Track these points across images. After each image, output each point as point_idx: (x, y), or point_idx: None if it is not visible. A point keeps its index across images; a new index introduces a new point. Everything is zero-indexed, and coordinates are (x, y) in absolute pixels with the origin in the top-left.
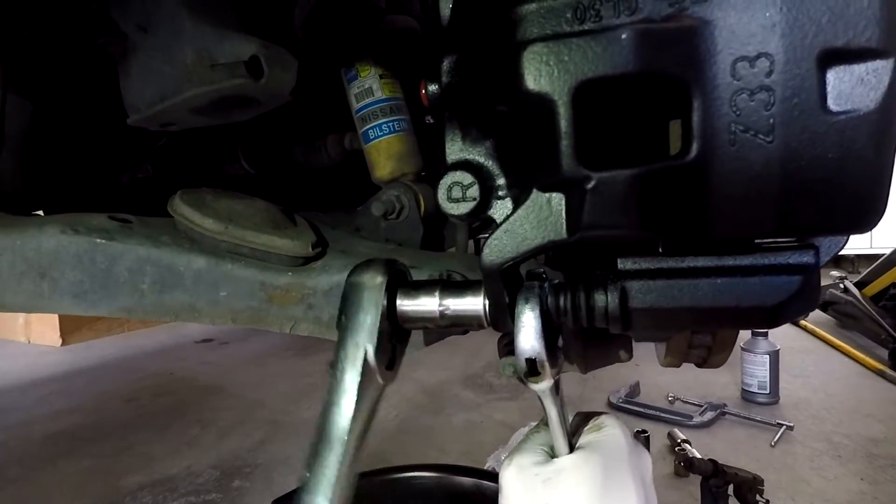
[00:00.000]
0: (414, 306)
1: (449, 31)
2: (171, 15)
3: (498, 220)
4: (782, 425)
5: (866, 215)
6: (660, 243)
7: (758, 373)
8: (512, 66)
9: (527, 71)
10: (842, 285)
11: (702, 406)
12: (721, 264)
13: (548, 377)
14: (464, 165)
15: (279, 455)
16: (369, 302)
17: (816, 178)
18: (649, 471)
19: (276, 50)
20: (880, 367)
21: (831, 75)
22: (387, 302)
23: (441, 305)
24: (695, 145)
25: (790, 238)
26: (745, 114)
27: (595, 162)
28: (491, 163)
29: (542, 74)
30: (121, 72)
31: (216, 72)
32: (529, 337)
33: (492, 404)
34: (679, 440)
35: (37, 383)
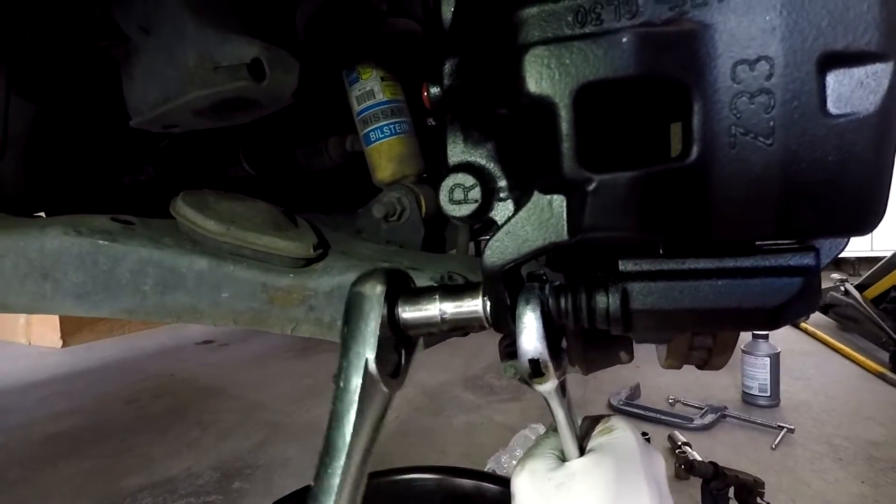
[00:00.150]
0: (415, 313)
1: (451, 33)
2: (173, 17)
3: (499, 221)
4: (783, 428)
5: (866, 218)
6: (661, 245)
7: (758, 375)
8: (513, 69)
9: (528, 74)
10: (842, 288)
11: (702, 408)
12: (722, 266)
13: (552, 377)
14: (465, 167)
15: (279, 457)
16: (369, 311)
17: (816, 180)
18: (663, 472)
19: (278, 52)
20: (881, 369)
21: (831, 78)
22: (387, 310)
23: (442, 310)
24: (695, 148)
25: (791, 240)
26: (746, 117)
27: (596, 164)
28: (492, 165)
29: (543, 77)
30: (123, 74)
31: (218, 74)
32: (531, 338)
33: (492, 406)
34: (679, 443)
35: (37, 384)
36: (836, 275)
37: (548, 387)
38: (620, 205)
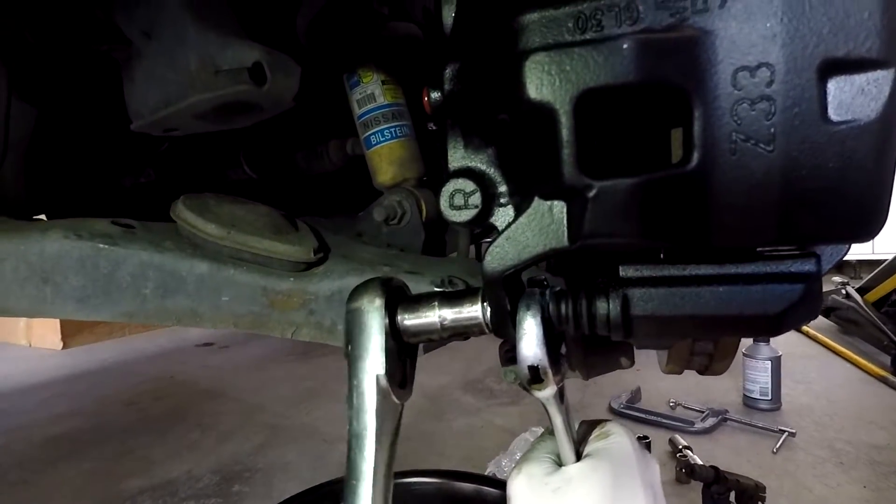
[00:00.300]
0: (415, 320)
1: (451, 39)
2: (174, 21)
3: (500, 227)
4: (784, 432)
5: (867, 225)
6: (661, 250)
7: (760, 379)
8: (514, 75)
9: (528, 80)
10: (844, 291)
11: (703, 412)
12: (723, 272)
13: (551, 384)
14: (466, 173)
15: (279, 460)
16: (372, 327)
17: (817, 187)
18: (657, 477)
19: (279, 56)
20: (883, 373)
21: (832, 85)
22: (389, 321)
23: (441, 317)
24: (696, 154)
25: (792, 247)
26: (746, 123)
27: (596, 170)
28: (493, 170)
29: (543, 84)
30: (125, 77)
31: (219, 78)
32: (531, 344)
33: (492, 409)
34: (680, 446)
35: (37, 386)
36: (837, 277)
37: (546, 393)
38: (621, 211)
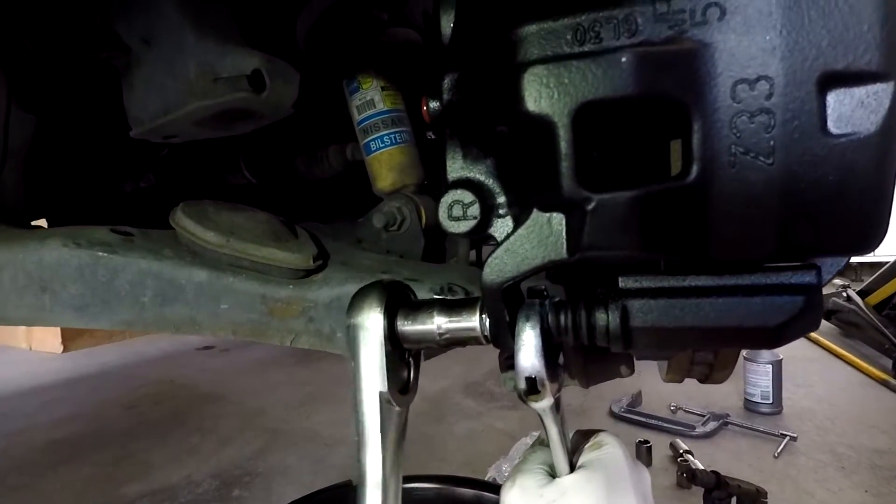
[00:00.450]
0: (413, 326)
1: (450, 49)
2: (174, 29)
3: (498, 238)
4: (786, 436)
5: (867, 237)
6: (661, 262)
7: (761, 382)
8: (512, 87)
9: (527, 93)
10: (845, 294)
11: (704, 416)
12: (723, 284)
13: (548, 396)
14: (464, 183)
15: (279, 464)
16: (371, 344)
17: (817, 200)
18: (649, 487)
19: (278, 63)
20: (884, 376)
21: (831, 98)
22: (388, 326)
23: (439, 325)
24: (695, 167)
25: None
26: (746, 136)
27: (595, 183)
28: (492, 181)
29: (542, 96)
30: (124, 85)
31: (219, 85)
32: (530, 355)
33: (493, 413)
34: (681, 451)
35: (38, 390)
36: (838, 280)
37: (543, 404)
38: (620, 224)
